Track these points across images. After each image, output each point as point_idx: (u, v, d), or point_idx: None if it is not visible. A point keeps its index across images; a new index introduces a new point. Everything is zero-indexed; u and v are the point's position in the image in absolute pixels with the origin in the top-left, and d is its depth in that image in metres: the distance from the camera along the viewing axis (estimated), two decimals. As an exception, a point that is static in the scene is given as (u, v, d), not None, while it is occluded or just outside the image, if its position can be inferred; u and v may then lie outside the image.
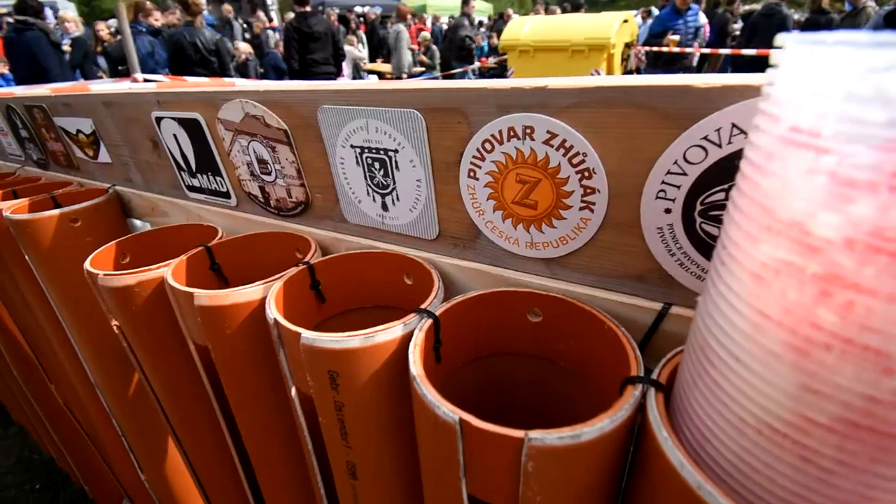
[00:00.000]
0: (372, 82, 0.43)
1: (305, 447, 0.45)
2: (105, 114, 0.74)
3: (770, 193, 0.18)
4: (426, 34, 11.65)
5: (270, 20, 12.87)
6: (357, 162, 0.46)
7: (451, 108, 0.38)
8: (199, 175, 0.66)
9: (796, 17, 9.38)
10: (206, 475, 0.69)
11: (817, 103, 0.16)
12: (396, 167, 0.44)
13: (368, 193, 0.48)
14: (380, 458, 0.39)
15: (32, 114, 0.95)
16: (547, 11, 8.94)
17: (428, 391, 0.29)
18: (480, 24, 14.00)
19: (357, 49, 10.64)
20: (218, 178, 0.63)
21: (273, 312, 0.39)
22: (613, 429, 0.26)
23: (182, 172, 0.68)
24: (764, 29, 7.77)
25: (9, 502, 2.13)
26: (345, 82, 0.45)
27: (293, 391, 0.41)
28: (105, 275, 0.52)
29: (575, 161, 0.34)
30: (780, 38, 0.18)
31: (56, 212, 0.75)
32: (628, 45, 6.27)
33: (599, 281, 0.38)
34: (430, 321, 0.36)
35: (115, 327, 0.59)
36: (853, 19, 6.83)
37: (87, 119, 0.80)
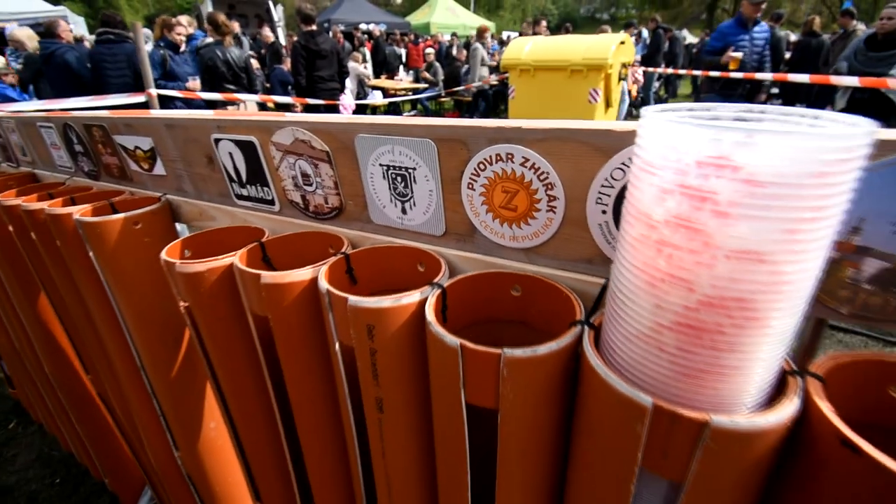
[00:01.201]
0: (396, 118, 0.57)
1: (341, 390, 0.59)
2: (166, 134, 0.90)
3: (637, 197, 0.33)
4: (431, 50, 11.87)
5: (277, 37, 13.10)
6: (384, 177, 0.61)
7: (455, 139, 0.53)
8: (248, 186, 0.81)
9: (793, 38, 9.61)
10: (247, 431, 0.82)
11: (653, 148, 0.31)
12: (414, 181, 0.59)
13: (391, 200, 0.63)
14: (401, 391, 0.53)
15: (91, 132, 1.10)
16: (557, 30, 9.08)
17: (438, 328, 0.43)
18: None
19: (362, 66, 10.84)
20: (265, 189, 0.78)
21: (325, 284, 0.53)
22: (559, 349, 0.40)
23: (233, 183, 0.83)
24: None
25: (31, 496, 2.23)
26: (376, 117, 0.59)
27: (336, 345, 0.55)
28: (182, 262, 0.66)
29: (542, 177, 0.48)
30: (643, 110, 0.33)
31: (121, 216, 0.89)
32: (625, 65, 6.47)
33: (562, 264, 0.53)
34: (439, 291, 0.51)
35: (182, 307, 0.73)
36: (843, 41, 7.02)
37: (147, 138, 0.95)
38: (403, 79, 12.29)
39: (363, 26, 15.11)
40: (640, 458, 0.36)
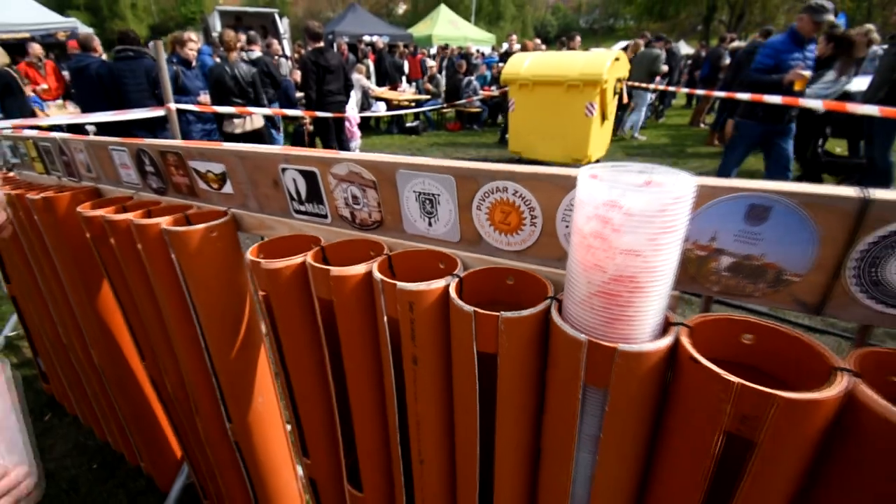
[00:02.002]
0: (427, 160, 0.82)
1: (385, 351, 0.83)
2: (237, 162, 1.14)
3: (577, 219, 0.58)
4: (433, 63, 12.15)
5: (283, 49, 13.35)
6: (416, 200, 0.86)
7: (468, 176, 0.77)
8: (306, 203, 1.05)
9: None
10: (303, 394, 1.06)
11: (582, 191, 0.55)
12: (438, 203, 0.83)
13: (421, 217, 0.88)
14: (431, 348, 0.77)
15: (165, 157, 1.35)
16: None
17: (459, 301, 0.68)
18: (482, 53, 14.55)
19: (365, 78, 11.09)
20: (320, 206, 1.03)
21: (379, 275, 0.78)
22: (536, 313, 0.65)
23: (293, 201, 1.08)
24: (748, 65, 8.21)
25: (71, 480, 2.45)
26: (412, 158, 0.84)
27: (385, 318, 0.80)
28: (266, 261, 0.91)
29: (526, 203, 0.73)
30: (578, 171, 0.57)
31: (202, 226, 1.14)
32: (620, 80, 6.74)
33: (542, 262, 0.78)
34: (457, 279, 0.75)
35: (261, 296, 0.97)
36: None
37: (220, 164, 1.19)
38: (406, 90, 12.56)
39: (367, 38, 15.41)
40: (582, 375, 0.60)
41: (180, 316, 1.33)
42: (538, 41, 10.70)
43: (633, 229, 0.51)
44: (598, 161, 7.26)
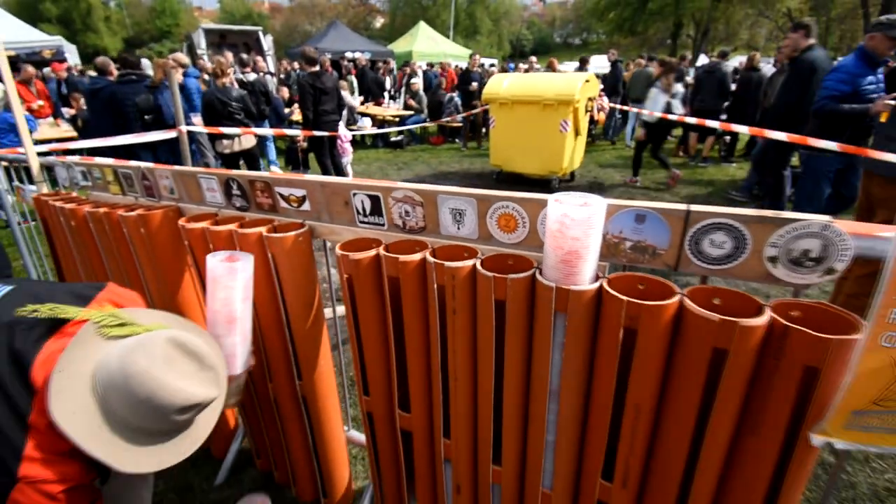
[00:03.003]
0: (459, 188, 1.34)
1: (433, 308, 1.35)
2: (318, 188, 1.65)
3: (548, 223, 1.11)
4: (417, 80, 12.69)
5: (268, 66, 13.75)
6: (449, 213, 1.39)
7: (485, 199, 1.30)
8: (369, 216, 1.57)
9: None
10: (370, 348, 1.58)
11: (550, 208, 1.09)
12: (465, 215, 1.36)
13: (452, 223, 1.40)
14: (464, 303, 1.29)
15: (254, 184, 1.85)
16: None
17: (483, 270, 1.21)
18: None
19: (349, 94, 11.55)
20: (380, 217, 1.55)
21: (432, 259, 1.30)
22: (528, 275, 1.18)
23: (358, 215, 1.59)
24: (708, 84, 8.91)
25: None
26: (451, 188, 1.36)
27: (435, 286, 1.32)
28: (352, 253, 1.42)
29: (520, 214, 1.27)
30: (549, 198, 1.11)
31: (293, 233, 1.65)
32: (591, 99, 7.38)
33: (530, 248, 1.31)
34: (480, 259, 1.28)
35: (345, 279, 1.49)
36: (780, 76, 8.00)
37: (302, 190, 1.70)
38: (390, 105, 13.06)
39: (349, 55, 15.86)
40: (553, 307, 1.14)
41: (269, 299, 1.82)
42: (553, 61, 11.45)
43: (576, 227, 1.05)
44: (573, 172, 7.82)
